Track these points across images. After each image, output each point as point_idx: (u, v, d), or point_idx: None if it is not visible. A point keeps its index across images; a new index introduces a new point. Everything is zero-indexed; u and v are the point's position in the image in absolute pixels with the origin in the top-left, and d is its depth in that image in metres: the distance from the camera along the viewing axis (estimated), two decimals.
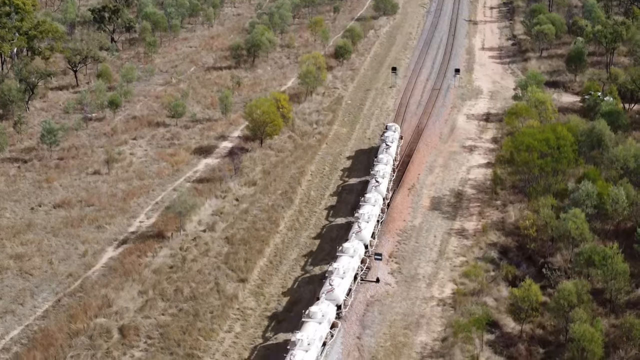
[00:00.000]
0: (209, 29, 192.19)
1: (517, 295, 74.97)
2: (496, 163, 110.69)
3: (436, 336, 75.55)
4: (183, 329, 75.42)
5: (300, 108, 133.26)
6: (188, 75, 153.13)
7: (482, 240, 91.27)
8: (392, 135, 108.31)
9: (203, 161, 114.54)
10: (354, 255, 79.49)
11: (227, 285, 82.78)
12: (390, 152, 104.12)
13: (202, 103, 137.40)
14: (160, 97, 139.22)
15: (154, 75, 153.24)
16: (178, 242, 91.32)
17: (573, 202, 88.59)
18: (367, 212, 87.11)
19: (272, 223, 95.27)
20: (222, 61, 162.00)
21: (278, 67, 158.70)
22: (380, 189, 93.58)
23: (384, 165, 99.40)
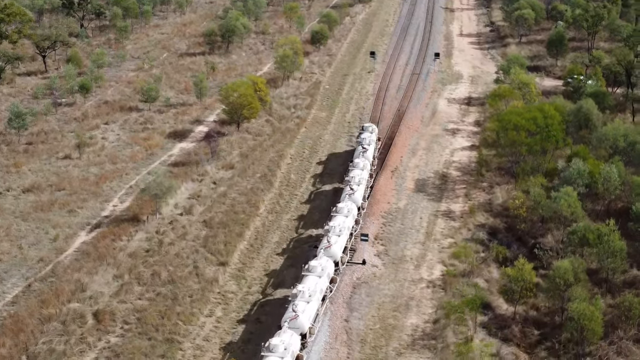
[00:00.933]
0: (181, 16, 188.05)
1: (510, 275, 71.94)
2: (480, 145, 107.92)
3: (427, 318, 72.38)
4: (161, 314, 71.70)
5: (278, 92, 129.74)
6: (160, 61, 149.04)
7: (470, 221, 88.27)
8: (369, 137, 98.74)
9: (178, 145, 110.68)
10: (322, 275, 71.17)
11: (207, 269, 79.11)
12: (367, 156, 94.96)
13: (175, 88, 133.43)
14: (133, 82, 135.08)
15: (126, 61, 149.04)
16: (154, 225, 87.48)
17: (563, 181, 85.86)
18: (338, 224, 78.50)
19: (252, 206, 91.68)
20: (195, 47, 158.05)
21: (253, 53, 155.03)
22: (355, 198, 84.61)
23: (360, 170, 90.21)
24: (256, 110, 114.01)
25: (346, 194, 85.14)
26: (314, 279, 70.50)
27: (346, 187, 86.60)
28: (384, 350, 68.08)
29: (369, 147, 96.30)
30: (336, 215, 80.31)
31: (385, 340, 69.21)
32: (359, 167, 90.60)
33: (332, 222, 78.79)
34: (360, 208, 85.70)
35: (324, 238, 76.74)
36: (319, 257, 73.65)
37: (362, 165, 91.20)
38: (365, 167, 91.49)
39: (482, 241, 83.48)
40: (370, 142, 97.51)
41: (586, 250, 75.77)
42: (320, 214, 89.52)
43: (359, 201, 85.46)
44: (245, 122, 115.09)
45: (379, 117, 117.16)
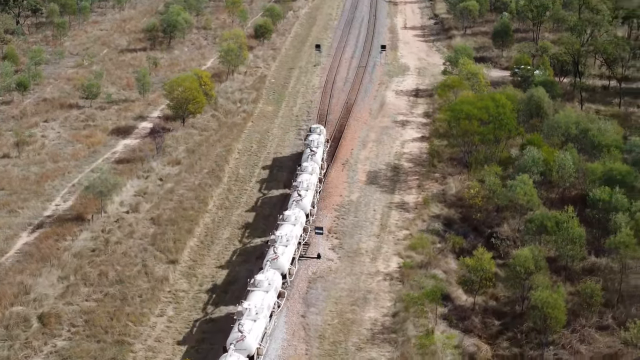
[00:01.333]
0: (120, 12, 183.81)
1: (469, 266, 70.37)
2: (431, 136, 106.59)
3: (386, 311, 70.48)
4: (110, 315, 68.70)
5: (223, 87, 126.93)
6: (101, 58, 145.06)
7: (424, 212, 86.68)
8: (317, 139, 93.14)
9: (122, 142, 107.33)
10: (269, 290, 66.03)
11: (156, 267, 76.25)
12: (316, 159, 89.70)
13: (117, 84, 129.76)
14: (72, 79, 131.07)
15: (64, 58, 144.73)
16: (99, 224, 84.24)
17: (518, 169, 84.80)
18: (285, 234, 73.08)
19: (201, 202, 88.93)
20: (136, 43, 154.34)
21: (196, 48, 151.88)
22: (303, 204, 79.39)
23: (309, 175, 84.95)
24: (202, 105, 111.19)
25: (293, 200, 79.95)
26: (260, 295, 65.36)
27: (294, 193, 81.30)
28: (344, 345, 66.01)
29: (318, 149, 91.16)
30: (283, 224, 75.34)
31: (344, 335, 67.14)
32: (307, 172, 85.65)
33: (279, 231, 73.61)
34: (309, 215, 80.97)
35: (270, 249, 71.68)
36: (265, 270, 68.30)
37: (310, 170, 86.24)
38: (314, 171, 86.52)
39: (438, 232, 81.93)
40: (319, 144, 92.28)
41: (544, 238, 74.52)
42: (265, 223, 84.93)
43: (308, 208, 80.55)
44: (191, 117, 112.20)
45: (327, 110, 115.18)
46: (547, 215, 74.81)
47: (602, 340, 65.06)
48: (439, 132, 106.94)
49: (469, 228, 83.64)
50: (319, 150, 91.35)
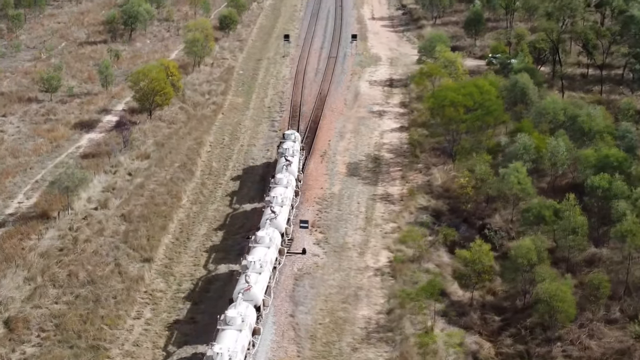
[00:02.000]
0: (77, 5, 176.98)
1: (467, 258, 66.19)
2: (410, 126, 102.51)
3: (380, 309, 66.12)
4: (83, 318, 63.57)
5: (189, 79, 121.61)
6: (59, 51, 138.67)
7: (411, 204, 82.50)
8: (292, 147, 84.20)
9: (86, 136, 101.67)
10: (243, 329, 57.11)
11: (130, 266, 71.11)
12: (292, 170, 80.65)
13: (78, 77, 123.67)
14: (30, 72, 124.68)
15: (21, 51, 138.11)
16: (66, 222, 78.81)
17: (509, 157, 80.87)
18: (258, 259, 64.56)
19: (174, 197, 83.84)
20: (95, 36, 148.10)
21: (158, 40, 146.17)
22: (277, 223, 70.52)
23: (283, 188, 76.27)
24: (169, 97, 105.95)
25: (267, 218, 70.59)
26: (262, 250, 65.96)
27: (267, 210, 72.03)
28: (337, 346, 61.53)
29: (293, 158, 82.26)
30: (256, 247, 66.98)
31: (338, 335, 62.62)
32: (282, 184, 76.93)
33: (251, 256, 65.20)
34: (284, 234, 72.12)
35: (242, 276, 63.13)
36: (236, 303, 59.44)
37: (285, 182, 77.45)
38: (289, 184, 77.89)
39: (427, 224, 77.66)
40: (294, 152, 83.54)
41: (542, 228, 70.56)
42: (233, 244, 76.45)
43: (283, 226, 71.68)
44: (158, 110, 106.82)
45: (300, 101, 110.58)
46: (545, 204, 70.93)
47: (611, 334, 61.08)
48: (418, 122, 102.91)
49: (459, 220, 79.47)
50: (294, 160, 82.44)
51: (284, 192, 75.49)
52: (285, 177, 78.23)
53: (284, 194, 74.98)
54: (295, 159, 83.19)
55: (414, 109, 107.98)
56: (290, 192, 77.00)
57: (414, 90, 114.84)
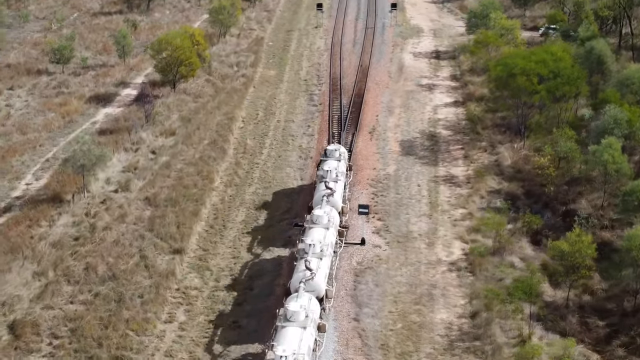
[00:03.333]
0: None
1: (564, 251, 54.65)
2: (466, 100, 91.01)
3: (461, 312, 54.82)
4: (103, 322, 52.69)
5: (215, 50, 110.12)
6: (71, 22, 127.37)
7: (481, 187, 71.08)
8: (336, 169, 63.89)
9: (102, 110, 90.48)
10: (307, 325, 46.65)
11: (158, 259, 60.02)
12: (334, 202, 59.90)
13: (92, 49, 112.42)
14: (40, 43, 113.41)
15: (29, 22, 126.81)
16: (82, 206, 67.78)
17: (596, 132, 69.23)
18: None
19: (205, 178, 72.63)
20: (110, 6, 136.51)
21: (179, 11, 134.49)
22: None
23: (323, 230, 55.85)
24: (195, 67, 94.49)
25: (301, 280, 50.21)
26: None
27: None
28: (415, 357, 50.34)
29: (337, 185, 62.05)
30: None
31: (414, 345, 51.37)
32: (321, 224, 56.42)
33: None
34: (322, 300, 51.53)
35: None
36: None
37: (325, 221, 56.67)
38: (330, 223, 56.84)
39: (505, 210, 65.89)
40: (338, 175, 63.44)
41: None
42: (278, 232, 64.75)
43: (322, 288, 51.55)
44: (182, 83, 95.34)
45: (339, 74, 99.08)
46: None
47: None
48: (475, 96, 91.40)
49: (539, 205, 68.00)
50: (338, 186, 62.24)
51: (323, 235, 55.29)
52: (324, 214, 57.00)
53: (323, 237, 54.88)
54: (340, 185, 62.76)
55: (467, 82, 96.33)
56: (331, 235, 56.27)
57: (464, 63, 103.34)
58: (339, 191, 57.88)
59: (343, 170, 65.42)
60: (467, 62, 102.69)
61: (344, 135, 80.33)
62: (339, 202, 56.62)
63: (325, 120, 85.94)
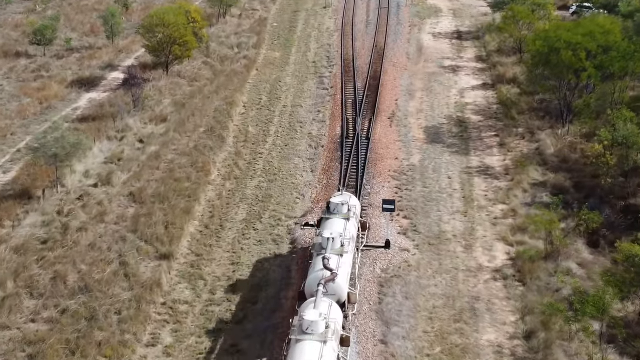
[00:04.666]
0: None
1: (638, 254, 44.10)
2: (496, 83, 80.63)
3: (512, 331, 44.29)
4: (70, 346, 42.10)
5: (214, 31, 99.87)
6: (57, 3, 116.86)
7: (523, 179, 60.52)
8: (342, 235, 44.28)
9: (86, 96, 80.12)
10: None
11: (141, 267, 49.61)
12: (337, 289, 41.00)
13: (78, 30, 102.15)
14: (21, 25, 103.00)
15: (12, 3, 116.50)
16: (54, 203, 57.39)
17: None
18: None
19: (200, 171, 62.21)
20: None
21: None
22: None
23: (319, 343, 35.65)
24: (191, 47, 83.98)
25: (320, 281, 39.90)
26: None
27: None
28: None
29: (343, 258, 42.74)
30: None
31: None
32: (315, 332, 36.30)
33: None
34: (344, 305, 41.94)
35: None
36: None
37: (320, 329, 36.46)
38: (330, 332, 36.62)
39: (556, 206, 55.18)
40: (345, 244, 43.83)
41: None
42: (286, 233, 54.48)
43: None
44: (176, 65, 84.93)
45: (352, 55, 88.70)
46: None
47: None
48: (506, 78, 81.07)
49: (595, 200, 57.39)
50: (344, 263, 42.48)
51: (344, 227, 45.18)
52: (318, 317, 36.74)
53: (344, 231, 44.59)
54: (347, 259, 43.13)
55: (495, 64, 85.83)
56: (329, 350, 35.86)
57: (490, 43, 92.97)
58: (345, 270, 41.62)
59: (353, 234, 46.00)
60: (494, 42, 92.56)
61: (360, 122, 69.93)
62: (344, 288, 40.84)
63: (338, 105, 75.61)
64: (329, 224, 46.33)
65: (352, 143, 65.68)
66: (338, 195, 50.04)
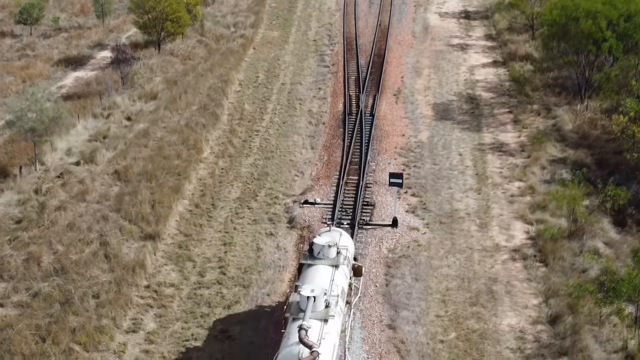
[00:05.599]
0: None
1: None
2: (508, 60, 76.05)
3: (535, 315, 39.64)
4: (41, 332, 37.49)
5: (209, 10, 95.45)
6: None
7: (540, 155, 55.81)
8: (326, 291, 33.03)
9: (72, 74, 75.58)
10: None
11: (124, 247, 44.93)
12: None
13: (68, 10, 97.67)
14: (7, 6, 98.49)
15: None
16: (31, 181, 52.75)
17: None
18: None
19: (191, 148, 57.57)
20: None
21: None
22: None
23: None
24: (184, 23, 79.35)
25: None
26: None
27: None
28: None
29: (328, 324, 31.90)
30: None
31: None
32: None
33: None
34: None
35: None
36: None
37: None
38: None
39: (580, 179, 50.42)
40: (332, 304, 32.77)
41: None
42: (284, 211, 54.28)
43: None
44: (169, 43, 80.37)
45: (355, 34, 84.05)
46: None
47: None
48: (518, 55, 76.44)
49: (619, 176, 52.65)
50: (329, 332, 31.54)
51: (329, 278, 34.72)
52: None
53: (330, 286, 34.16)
54: (334, 324, 32.52)
55: (506, 41, 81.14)
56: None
57: (500, 22, 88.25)
58: (331, 341, 31.21)
59: (343, 287, 35.26)
60: (504, 20, 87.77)
61: (364, 98, 65.30)
62: None
63: (340, 82, 71.00)
64: (310, 274, 34.95)
65: (355, 119, 61.09)
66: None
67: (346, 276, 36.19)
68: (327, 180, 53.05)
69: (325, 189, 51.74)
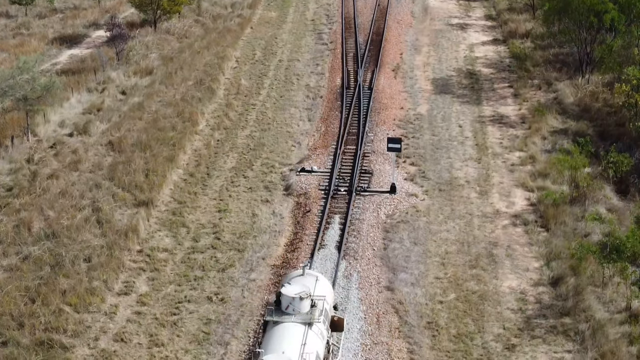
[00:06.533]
0: None
1: None
2: (508, 38, 75.19)
3: (536, 277, 38.75)
4: (30, 293, 36.59)
5: None
6: None
7: (541, 126, 54.88)
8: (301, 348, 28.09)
9: (67, 52, 74.57)
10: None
11: (117, 213, 43.97)
12: None
13: None
14: None
15: None
16: (23, 150, 51.76)
17: None
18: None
19: (186, 121, 56.62)
20: None
21: None
22: None
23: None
24: (181, 2, 78.36)
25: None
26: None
27: None
28: (479, 342, 34.20)
29: None
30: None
31: (475, 323, 35.36)
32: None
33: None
34: None
35: None
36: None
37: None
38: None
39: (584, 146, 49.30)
40: None
41: None
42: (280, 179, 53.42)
43: None
44: (165, 22, 79.40)
45: (353, 13, 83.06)
46: None
47: None
48: (518, 34, 75.57)
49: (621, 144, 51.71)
50: None
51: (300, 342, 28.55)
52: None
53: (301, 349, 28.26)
54: None
55: (507, 21, 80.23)
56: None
57: (500, 3, 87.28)
58: None
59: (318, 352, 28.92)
60: (504, 2, 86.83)
61: (362, 73, 64.37)
62: None
63: (338, 58, 70.09)
64: (276, 336, 28.52)
65: (354, 93, 60.22)
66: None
67: (323, 337, 29.38)
68: (324, 149, 52.15)
69: (322, 158, 50.84)
